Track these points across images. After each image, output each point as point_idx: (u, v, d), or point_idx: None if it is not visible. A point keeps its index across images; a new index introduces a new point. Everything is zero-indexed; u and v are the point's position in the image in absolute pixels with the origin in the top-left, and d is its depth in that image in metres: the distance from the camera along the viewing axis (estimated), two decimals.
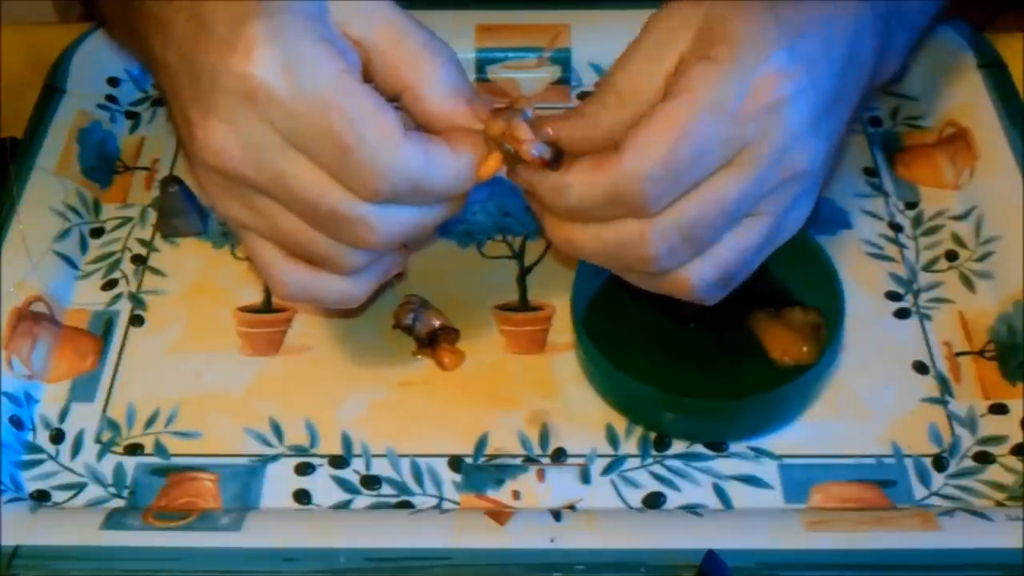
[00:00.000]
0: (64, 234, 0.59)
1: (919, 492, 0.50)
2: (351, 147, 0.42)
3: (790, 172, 0.44)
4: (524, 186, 0.46)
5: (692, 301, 0.48)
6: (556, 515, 0.48)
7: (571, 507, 0.50)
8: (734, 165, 0.43)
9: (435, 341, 0.55)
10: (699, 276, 0.46)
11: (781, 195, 0.45)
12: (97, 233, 0.61)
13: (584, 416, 0.53)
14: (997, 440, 0.52)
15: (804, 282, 0.55)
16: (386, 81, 0.45)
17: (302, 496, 0.51)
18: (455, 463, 0.52)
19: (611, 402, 0.53)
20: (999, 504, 0.50)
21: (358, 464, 0.52)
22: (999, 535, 0.47)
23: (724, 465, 0.51)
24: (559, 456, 0.52)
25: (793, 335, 0.53)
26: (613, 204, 0.43)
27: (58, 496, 0.51)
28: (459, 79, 0.46)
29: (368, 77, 0.45)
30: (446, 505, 0.50)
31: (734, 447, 0.52)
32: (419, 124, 0.46)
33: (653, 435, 0.52)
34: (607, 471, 0.51)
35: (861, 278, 0.58)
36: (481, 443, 0.52)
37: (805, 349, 0.53)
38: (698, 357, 0.54)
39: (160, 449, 0.52)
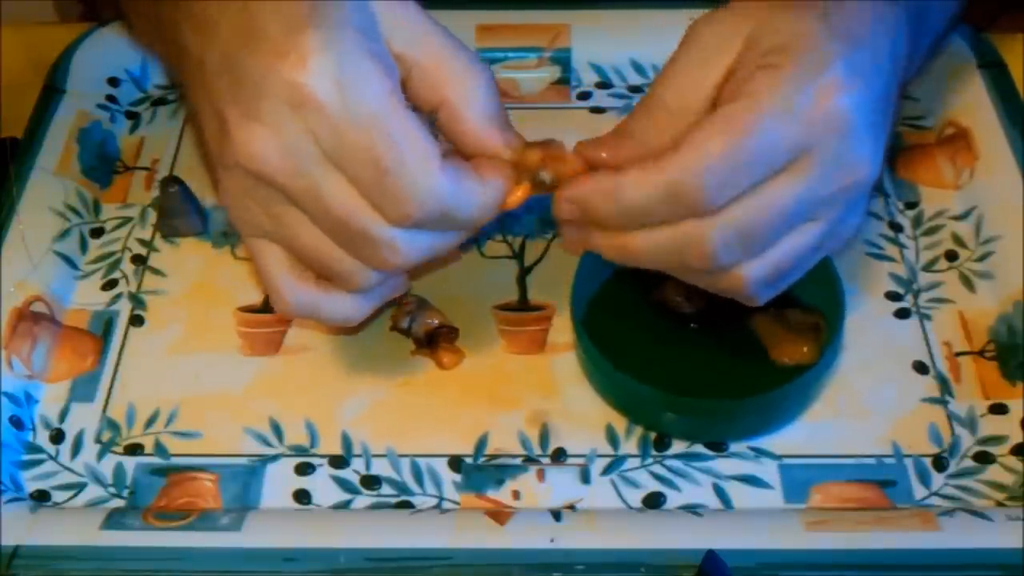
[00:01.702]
0: (64, 234, 0.59)
1: (919, 492, 0.50)
2: (390, 170, 0.42)
3: (850, 180, 0.44)
4: (569, 207, 0.45)
5: (741, 300, 0.48)
6: (556, 515, 0.48)
7: (571, 507, 0.50)
8: (795, 170, 0.43)
9: (434, 341, 0.55)
10: (754, 275, 0.45)
11: (838, 201, 0.45)
12: (97, 233, 0.61)
13: (584, 416, 0.53)
14: (997, 440, 0.52)
15: (804, 282, 0.55)
16: (423, 97, 0.46)
17: (302, 496, 0.51)
18: (455, 463, 0.52)
19: (611, 402, 0.53)
20: (999, 504, 0.50)
21: (358, 464, 0.52)
22: (999, 535, 0.47)
23: (724, 465, 0.51)
24: (559, 456, 0.52)
25: (793, 335, 0.53)
26: (671, 201, 0.43)
27: (58, 496, 0.51)
28: (495, 103, 0.46)
29: (404, 91, 0.45)
30: (446, 505, 0.50)
31: (734, 447, 0.52)
32: (450, 141, 0.47)
33: (653, 435, 0.52)
34: (607, 471, 0.51)
35: (861, 278, 0.58)
36: (481, 443, 0.52)
37: (805, 349, 0.53)
38: (698, 357, 0.54)
39: (160, 449, 0.52)
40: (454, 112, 0.46)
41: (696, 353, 0.54)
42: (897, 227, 0.60)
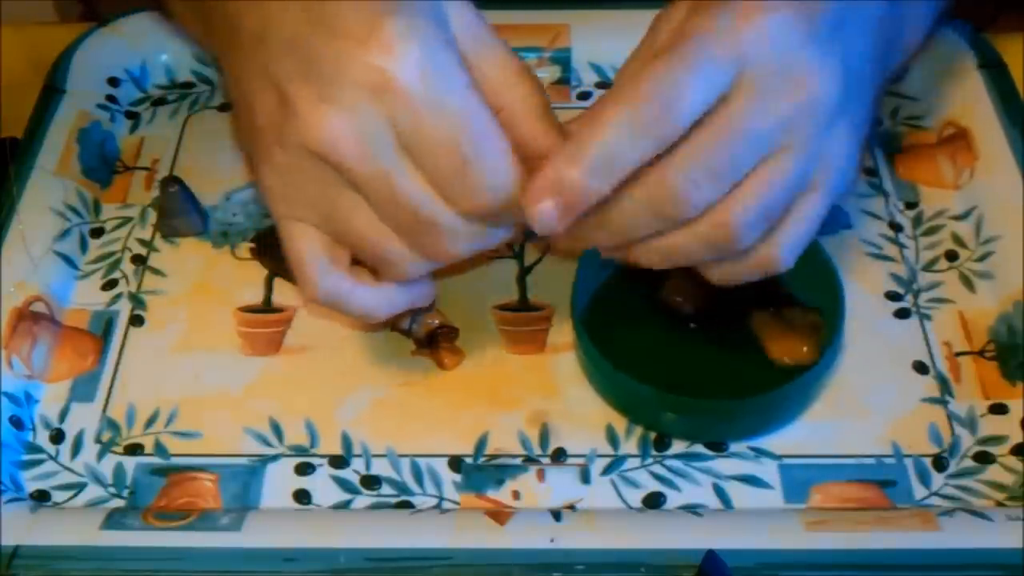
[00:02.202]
0: (64, 234, 0.59)
1: (919, 492, 0.50)
2: (471, 161, 0.43)
3: (801, 93, 0.43)
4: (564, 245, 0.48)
5: (773, 273, 0.48)
6: (556, 515, 0.48)
7: (571, 507, 0.50)
8: (737, 91, 0.43)
9: (435, 341, 0.55)
10: (732, 213, 0.45)
11: (800, 122, 0.44)
12: (97, 233, 0.61)
13: (584, 416, 0.53)
14: (997, 440, 0.52)
15: (804, 282, 0.55)
16: (485, 99, 0.45)
17: (302, 496, 0.51)
18: (455, 463, 0.52)
19: (611, 402, 0.53)
20: (999, 504, 0.50)
21: (358, 464, 0.52)
22: (999, 535, 0.47)
23: (724, 465, 0.51)
24: (559, 456, 0.52)
25: (793, 335, 0.53)
26: (636, 134, 0.43)
27: (58, 496, 0.51)
28: (549, 109, 0.47)
29: None
30: (446, 505, 0.50)
31: (734, 447, 0.52)
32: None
33: (653, 435, 0.52)
34: (607, 471, 0.51)
35: (861, 278, 0.58)
36: (481, 443, 0.52)
37: (805, 349, 0.53)
38: (698, 357, 0.54)
39: (160, 449, 0.52)
40: (514, 116, 0.46)
41: (696, 353, 0.54)
42: (897, 227, 0.60)
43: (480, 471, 0.51)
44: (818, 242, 0.54)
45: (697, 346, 0.54)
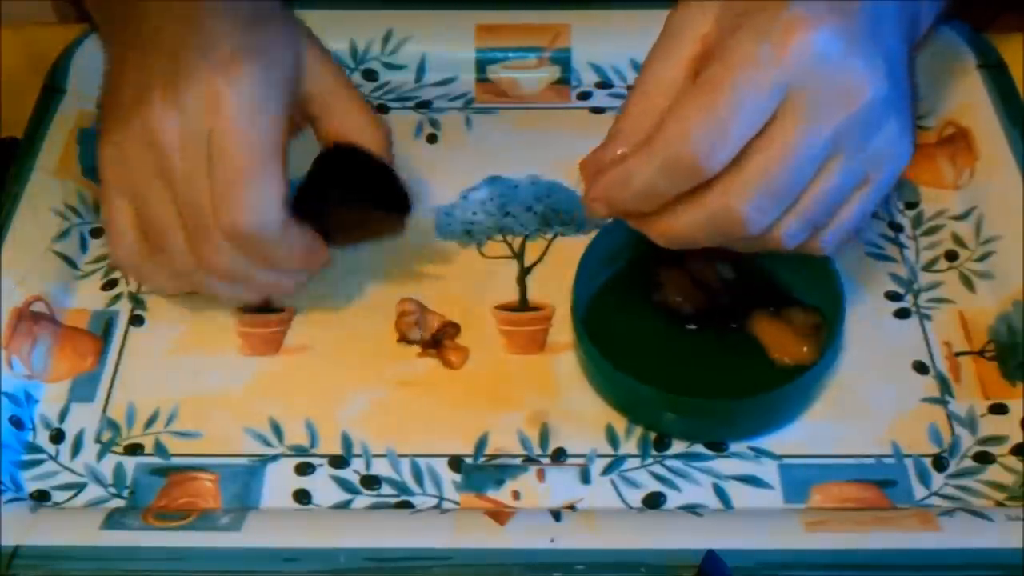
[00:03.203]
0: (64, 234, 0.59)
1: (919, 492, 0.50)
2: (242, 181, 0.49)
3: (851, 103, 0.44)
4: (597, 205, 0.48)
5: (813, 251, 0.49)
6: (556, 515, 0.48)
7: (571, 507, 0.50)
8: (787, 112, 0.44)
9: (439, 341, 0.55)
10: (794, 227, 0.46)
11: (851, 128, 0.45)
12: (97, 233, 0.61)
13: (584, 416, 0.53)
14: (997, 440, 0.52)
15: (804, 282, 0.55)
16: (327, 136, 0.54)
17: (302, 496, 0.51)
18: (455, 463, 0.52)
19: (611, 402, 0.53)
20: (999, 504, 0.50)
21: (358, 464, 0.52)
22: (999, 535, 0.47)
23: (724, 465, 0.51)
24: (559, 456, 0.52)
25: (793, 335, 0.53)
26: (672, 174, 0.45)
27: (58, 496, 0.51)
28: (388, 152, 0.54)
29: (315, 128, 0.54)
30: (446, 505, 0.50)
31: (734, 447, 0.52)
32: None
33: (653, 435, 0.52)
34: (607, 471, 0.51)
35: (861, 278, 0.58)
36: (481, 443, 0.52)
37: (805, 349, 0.53)
38: (698, 357, 0.54)
39: (160, 449, 0.52)
40: (331, 136, 0.53)
41: (696, 353, 0.54)
42: (897, 227, 0.60)
43: (480, 471, 0.51)
44: None
45: (697, 346, 0.54)
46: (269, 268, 0.52)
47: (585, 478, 0.51)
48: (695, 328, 0.54)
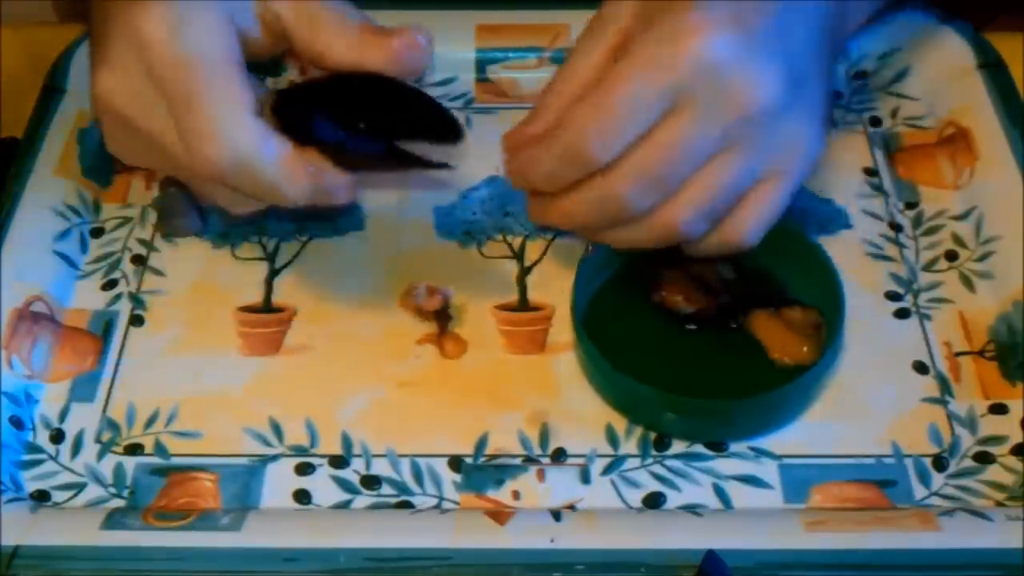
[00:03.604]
0: (64, 234, 0.59)
1: (919, 492, 0.50)
2: (198, 109, 0.46)
3: (740, 109, 0.47)
4: (515, 178, 0.51)
5: (680, 242, 0.51)
6: (556, 515, 0.48)
7: (571, 507, 0.50)
8: (677, 112, 0.46)
9: (444, 317, 0.55)
10: (681, 215, 0.49)
11: (742, 131, 0.47)
12: (97, 233, 0.61)
13: (584, 416, 0.53)
14: (997, 440, 0.52)
15: (804, 282, 0.55)
16: (304, 51, 0.50)
17: (302, 496, 0.51)
18: (455, 463, 0.52)
19: (611, 402, 0.53)
20: (999, 504, 0.50)
21: (358, 464, 0.52)
22: (999, 535, 0.47)
23: (724, 465, 0.51)
24: (559, 456, 0.52)
25: (793, 335, 0.53)
26: (570, 162, 0.48)
27: (58, 496, 0.51)
28: (352, 19, 0.49)
29: (292, 44, 0.50)
30: (446, 505, 0.50)
31: (734, 447, 0.52)
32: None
33: (653, 435, 0.52)
34: (607, 471, 0.51)
35: (861, 278, 0.58)
36: (481, 443, 0.52)
37: (805, 349, 0.53)
38: (698, 357, 0.54)
39: (160, 449, 0.52)
40: (326, 52, 0.49)
41: (696, 353, 0.54)
42: (897, 227, 0.60)
43: (480, 471, 0.51)
44: (818, 242, 0.55)
45: (697, 346, 0.54)
46: (271, 198, 0.49)
47: (585, 478, 0.51)
48: (695, 328, 0.54)
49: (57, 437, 0.53)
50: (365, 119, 0.48)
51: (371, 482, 0.51)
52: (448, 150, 0.50)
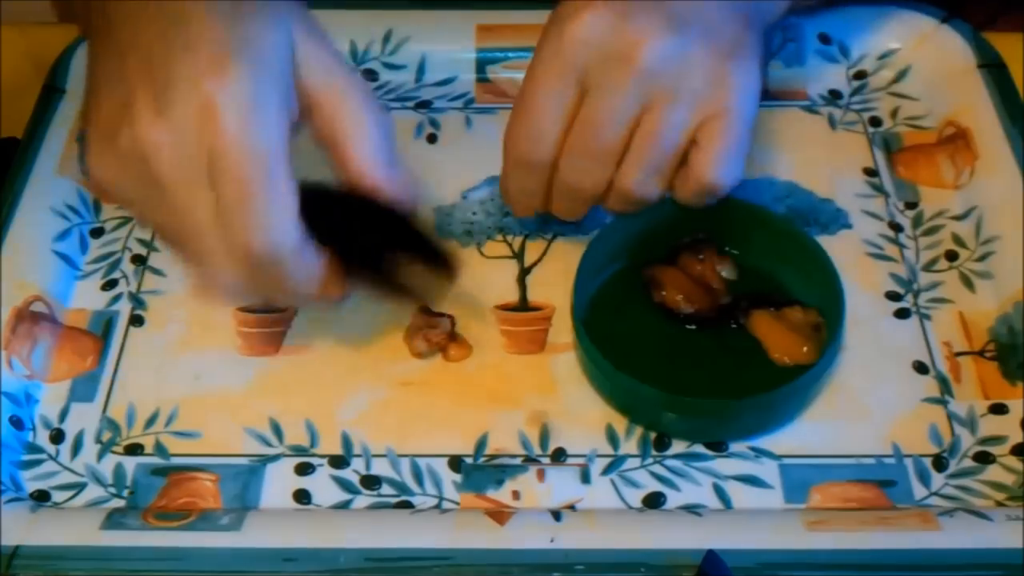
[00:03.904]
0: (64, 234, 0.59)
1: (919, 492, 0.50)
2: (253, 197, 0.45)
3: (631, 61, 0.49)
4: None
5: (720, 194, 0.53)
6: (556, 515, 0.48)
7: (571, 507, 0.50)
8: (586, 91, 0.50)
9: (451, 337, 0.55)
10: (633, 176, 0.52)
11: (645, 82, 0.49)
12: (97, 233, 0.61)
13: (584, 416, 0.53)
14: (997, 440, 0.52)
15: (804, 282, 0.55)
16: (322, 130, 0.49)
17: (302, 496, 0.51)
18: (455, 463, 0.52)
19: (611, 402, 0.53)
20: (999, 504, 0.50)
21: (358, 464, 0.52)
22: (999, 535, 0.47)
23: (724, 465, 0.51)
24: (559, 456, 0.52)
25: (793, 335, 0.53)
26: (522, 172, 0.53)
27: (58, 496, 0.51)
28: (385, 143, 0.49)
29: (309, 122, 0.49)
30: (446, 505, 0.50)
31: (734, 447, 0.52)
32: (344, 179, 0.49)
33: (653, 435, 0.52)
34: (607, 471, 0.51)
35: (861, 278, 0.58)
36: (481, 443, 0.52)
37: (805, 349, 0.53)
38: (698, 357, 0.54)
39: (160, 449, 0.52)
40: (342, 149, 0.48)
41: (696, 353, 0.54)
42: (897, 227, 0.60)
43: (480, 471, 0.51)
44: (818, 242, 0.55)
45: (697, 346, 0.54)
46: (281, 293, 0.49)
47: (585, 478, 0.51)
48: (695, 328, 0.54)
49: (57, 437, 0.53)
50: (377, 238, 0.50)
51: (371, 482, 0.51)
52: (436, 282, 0.53)
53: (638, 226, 0.55)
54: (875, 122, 0.65)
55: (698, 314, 0.54)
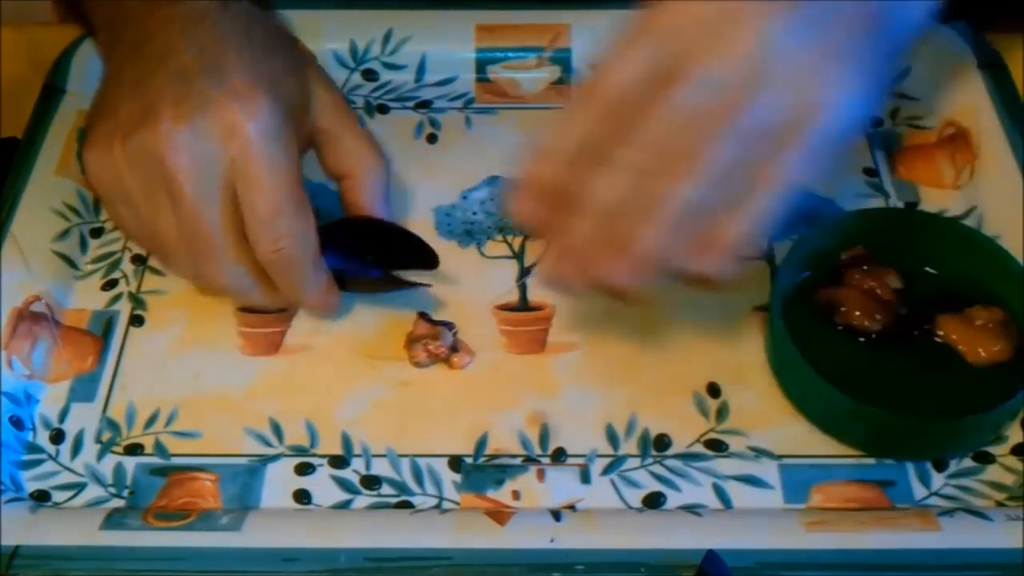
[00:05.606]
0: (64, 234, 0.59)
1: (919, 492, 0.50)
2: (284, 211, 0.50)
3: (682, 75, 0.46)
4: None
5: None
6: (556, 515, 0.48)
7: (571, 507, 0.50)
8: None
9: (453, 349, 0.55)
10: (650, 241, 0.46)
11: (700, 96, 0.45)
12: (97, 233, 0.61)
13: (584, 416, 0.53)
14: (997, 440, 0.52)
15: (978, 280, 0.54)
16: (334, 165, 0.57)
17: (302, 496, 0.51)
18: (455, 463, 0.52)
19: (807, 414, 0.52)
20: (999, 504, 0.50)
21: (358, 464, 0.52)
22: (999, 535, 0.47)
23: (724, 465, 0.51)
24: (559, 456, 0.52)
25: (985, 334, 0.52)
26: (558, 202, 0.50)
27: (58, 496, 0.51)
28: (385, 182, 0.57)
29: (320, 157, 0.57)
30: (446, 505, 0.50)
31: (734, 447, 0.52)
32: (347, 207, 0.57)
33: (653, 435, 0.52)
34: (607, 471, 0.51)
35: None
36: (481, 443, 0.52)
37: (998, 347, 0.52)
38: (894, 372, 0.52)
39: (160, 449, 0.52)
40: (355, 182, 0.56)
41: (890, 368, 0.52)
42: None
43: (480, 471, 0.51)
44: (992, 240, 0.55)
45: (889, 361, 0.52)
46: (286, 298, 0.54)
47: (585, 478, 0.51)
48: (878, 342, 0.53)
49: (57, 437, 0.53)
50: (371, 253, 0.56)
51: (371, 482, 0.51)
52: (426, 273, 0.56)
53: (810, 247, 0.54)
54: (875, 122, 0.65)
55: (884, 331, 0.53)
